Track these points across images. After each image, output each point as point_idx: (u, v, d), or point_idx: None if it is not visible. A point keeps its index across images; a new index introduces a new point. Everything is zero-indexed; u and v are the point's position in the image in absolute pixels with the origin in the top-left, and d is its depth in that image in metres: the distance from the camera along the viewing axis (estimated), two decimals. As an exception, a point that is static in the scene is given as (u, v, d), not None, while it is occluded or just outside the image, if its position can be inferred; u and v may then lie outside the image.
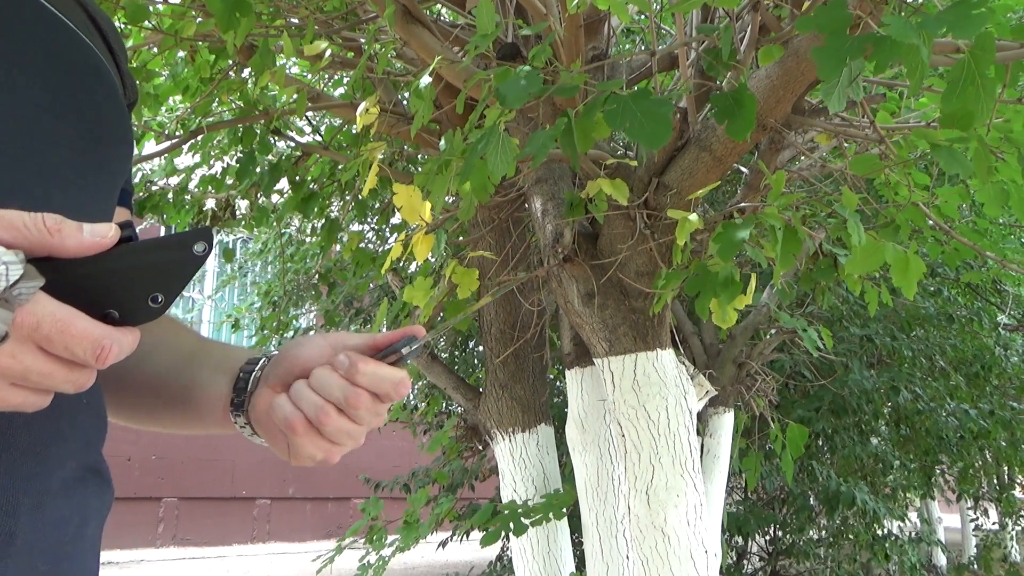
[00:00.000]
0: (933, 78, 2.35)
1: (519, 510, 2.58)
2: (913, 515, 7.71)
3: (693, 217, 1.88)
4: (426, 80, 1.73)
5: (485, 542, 2.62)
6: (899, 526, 6.78)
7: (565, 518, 2.80)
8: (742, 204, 2.18)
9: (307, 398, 0.65)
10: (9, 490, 0.56)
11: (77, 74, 0.66)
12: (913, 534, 6.70)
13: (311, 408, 0.65)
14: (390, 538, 3.31)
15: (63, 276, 0.49)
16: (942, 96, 1.18)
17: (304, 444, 0.66)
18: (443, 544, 5.70)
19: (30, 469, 0.57)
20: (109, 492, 0.68)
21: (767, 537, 5.62)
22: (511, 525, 2.60)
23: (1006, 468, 7.04)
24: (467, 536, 5.22)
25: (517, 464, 2.93)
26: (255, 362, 0.72)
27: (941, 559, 8.19)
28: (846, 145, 2.47)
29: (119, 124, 0.71)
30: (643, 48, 4.13)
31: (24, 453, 0.57)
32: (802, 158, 2.80)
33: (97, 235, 0.49)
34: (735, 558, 5.31)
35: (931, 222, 2.31)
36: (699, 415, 2.57)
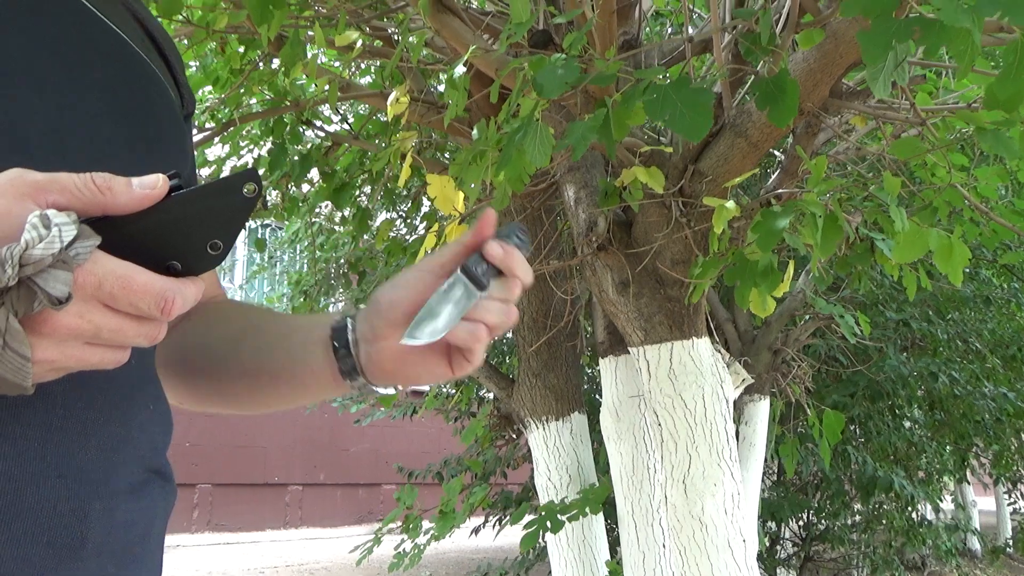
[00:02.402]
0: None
1: (556, 508, 2.59)
2: (948, 500, 7.63)
3: (730, 205, 1.85)
4: (460, 69, 1.72)
5: (524, 545, 2.63)
6: (932, 511, 6.72)
7: (600, 506, 2.80)
8: (779, 190, 2.15)
9: (492, 308, 0.66)
10: (80, 495, 0.56)
11: (130, 81, 0.67)
12: (949, 520, 6.64)
13: (497, 315, 0.66)
14: (425, 525, 3.33)
15: (120, 234, 0.49)
16: (997, 80, 1.14)
17: (479, 349, 0.67)
18: (476, 531, 5.72)
19: (101, 474, 0.58)
20: (172, 493, 0.68)
21: (800, 523, 5.59)
22: (548, 524, 2.61)
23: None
24: (499, 523, 5.24)
25: (551, 452, 2.93)
26: (342, 325, 0.72)
27: (976, 543, 8.11)
28: (882, 128, 2.43)
29: (174, 131, 0.71)
30: (671, 32, 4.08)
31: (95, 458, 0.58)
32: (836, 141, 2.75)
33: (146, 187, 0.49)
34: (768, 544, 5.29)
35: (969, 203, 2.27)
36: (735, 403, 2.55)
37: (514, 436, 4.34)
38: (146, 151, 0.66)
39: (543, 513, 2.59)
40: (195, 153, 0.87)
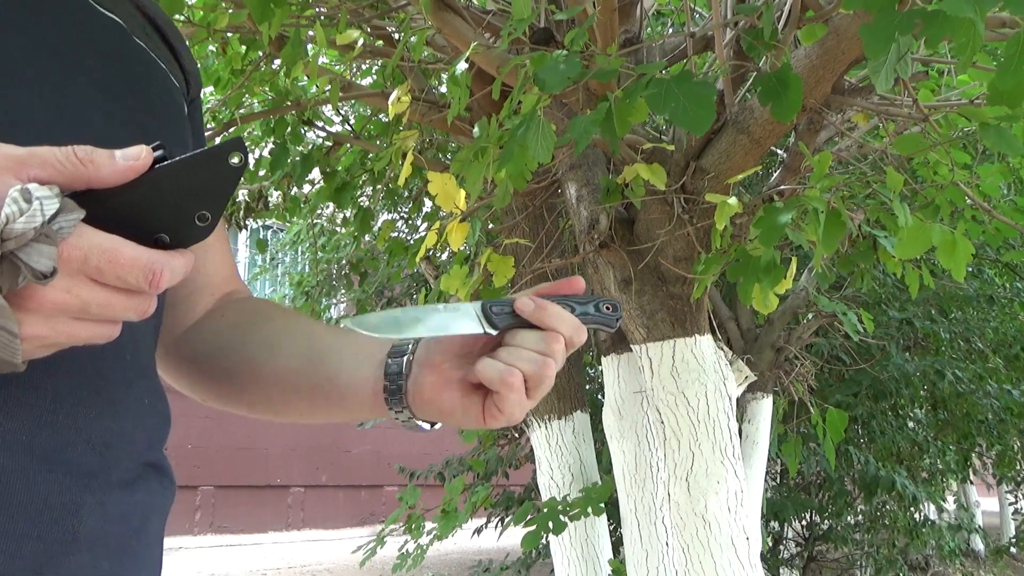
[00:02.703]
0: (978, 54, 2.29)
1: (558, 507, 2.58)
2: (950, 500, 7.62)
3: (732, 201, 1.85)
4: (462, 66, 1.72)
5: (526, 545, 2.62)
6: (936, 511, 6.70)
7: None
8: (781, 187, 2.14)
9: (524, 356, 0.65)
10: (72, 489, 0.55)
11: (130, 75, 0.67)
12: (952, 520, 6.63)
13: (531, 364, 0.64)
14: (427, 526, 3.32)
15: (105, 207, 0.48)
16: (997, 73, 1.14)
17: (512, 399, 0.65)
18: (478, 531, 5.72)
19: (92, 468, 0.57)
20: (171, 488, 0.67)
21: (804, 523, 5.58)
22: (550, 525, 2.60)
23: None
24: (502, 523, 5.24)
25: (553, 451, 2.92)
26: (403, 346, 0.72)
27: (979, 544, 8.09)
28: (884, 125, 2.42)
29: (174, 125, 0.71)
30: (672, 31, 4.07)
31: (86, 452, 0.57)
32: (838, 138, 2.75)
33: (129, 158, 0.49)
34: (771, 544, 5.28)
35: (971, 201, 2.26)
36: (737, 401, 2.55)
37: (516, 435, 4.34)
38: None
39: (545, 512, 2.59)
40: (204, 135, 0.86)
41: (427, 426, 0.72)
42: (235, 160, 0.51)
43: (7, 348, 0.46)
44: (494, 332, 0.66)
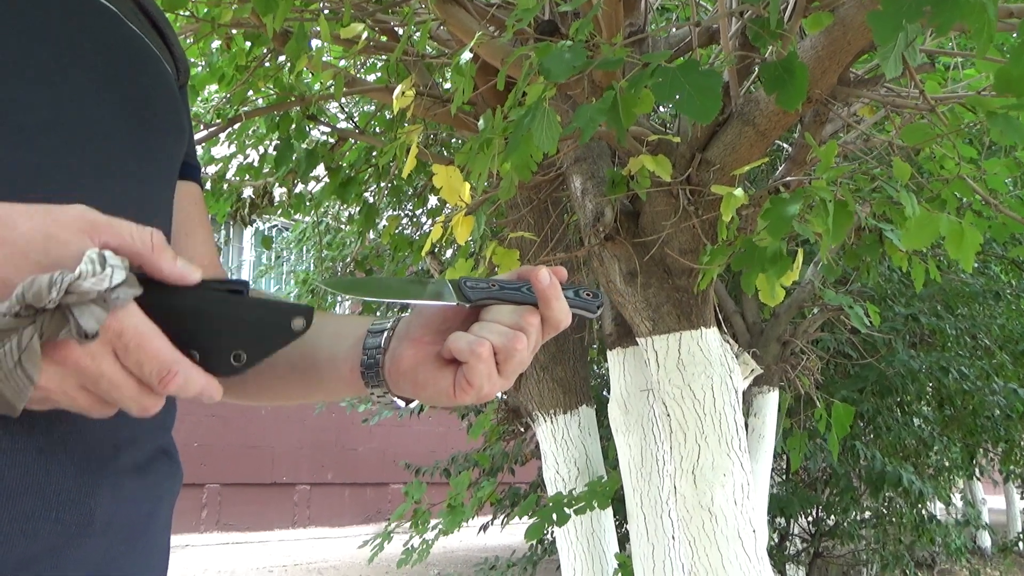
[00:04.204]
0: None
1: (563, 500, 2.58)
2: (957, 497, 7.60)
3: (738, 192, 1.84)
4: (466, 56, 1.72)
5: (529, 536, 2.62)
6: (943, 508, 6.69)
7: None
8: (787, 179, 2.13)
9: (496, 329, 0.65)
10: (88, 471, 0.56)
11: (124, 62, 0.67)
12: (959, 517, 6.61)
13: (501, 336, 0.64)
14: (432, 522, 3.32)
15: (159, 301, 0.50)
16: (1010, 59, 1.13)
17: (480, 371, 0.65)
18: (484, 528, 5.72)
19: (107, 451, 0.58)
20: (179, 474, 0.68)
21: (810, 519, 5.57)
22: (554, 516, 2.59)
23: (1054, 448, 6.90)
24: (507, 520, 5.24)
25: (559, 445, 2.92)
26: (383, 322, 0.72)
27: (986, 541, 8.07)
28: (891, 117, 2.41)
29: (170, 110, 0.71)
30: (676, 24, 4.06)
31: (100, 436, 0.58)
32: (844, 132, 2.74)
33: (186, 272, 0.51)
34: (777, 539, 5.27)
35: (978, 195, 2.25)
36: (744, 394, 2.54)
37: (522, 430, 4.34)
38: (142, 134, 0.66)
39: (550, 505, 2.58)
40: (192, 125, 0.86)
41: (402, 403, 0.72)
42: (297, 325, 0.53)
43: (19, 393, 0.46)
44: (466, 305, 0.65)
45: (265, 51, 3.17)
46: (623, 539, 3.69)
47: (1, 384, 0.46)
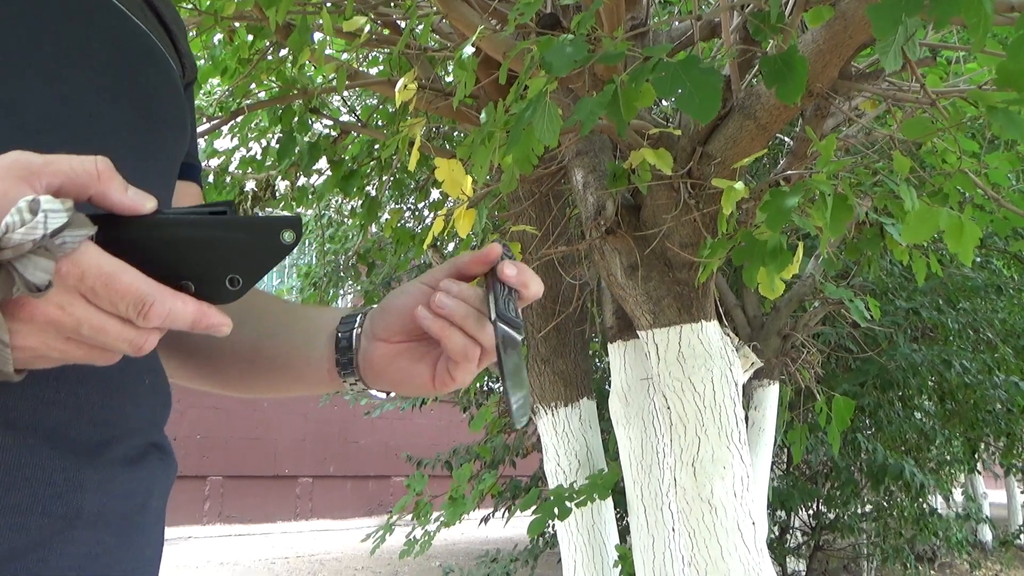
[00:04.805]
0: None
1: (564, 494, 2.59)
2: (957, 491, 7.61)
3: (739, 186, 1.85)
4: (469, 50, 1.72)
5: (532, 531, 2.63)
6: (943, 502, 6.70)
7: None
8: (787, 172, 2.14)
9: (471, 322, 0.64)
10: (75, 466, 0.56)
11: (130, 58, 0.67)
12: (959, 510, 6.62)
13: (488, 339, 0.63)
14: (434, 514, 3.34)
15: (143, 234, 0.48)
16: (1008, 53, 1.14)
17: (470, 370, 0.65)
18: (485, 520, 5.74)
19: (95, 446, 0.58)
20: (172, 466, 0.68)
21: (810, 512, 5.58)
22: (555, 511, 2.60)
23: (1055, 442, 6.90)
24: (509, 512, 5.26)
25: (560, 438, 2.93)
26: (351, 320, 0.72)
27: (987, 534, 8.08)
28: (892, 111, 2.42)
29: (174, 106, 0.71)
30: (678, 17, 4.06)
31: (88, 431, 0.58)
32: (845, 125, 2.74)
33: (137, 200, 0.48)
34: (778, 532, 5.28)
35: (980, 190, 2.25)
36: (744, 388, 2.55)
37: (523, 423, 4.35)
38: (146, 129, 0.66)
39: (551, 499, 2.60)
40: (195, 122, 0.85)
41: (382, 395, 0.72)
42: (288, 238, 0.50)
43: None
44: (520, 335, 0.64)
45: (268, 44, 3.17)
46: (623, 531, 3.71)
47: None
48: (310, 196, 3.97)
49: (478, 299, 0.65)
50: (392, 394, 0.73)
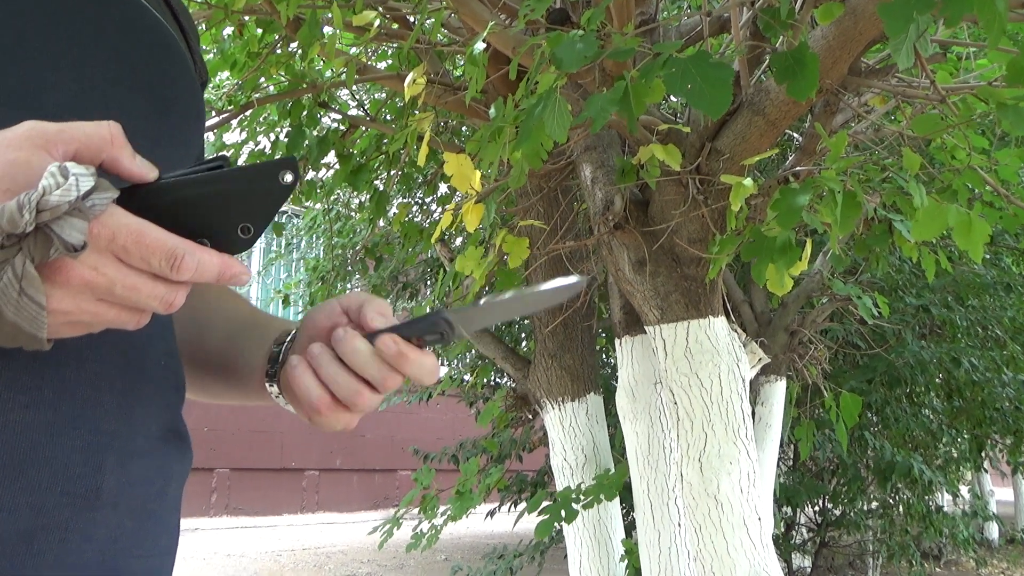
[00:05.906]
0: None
1: (571, 496, 2.59)
2: (964, 489, 7.59)
3: (748, 182, 1.85)
4: (479, 46, 1.72)
5: (539, 533, 2.64)
6: (950, 500, 6.69)
7: (615, 486, 2.80)
8: (796, 168, 2.14)
9: (342, 381, 0.63)
10: (95, 447, 0.57)
11: (148, 48, 0.67)
12: (966, 508, 6.60)
13: (346, 391, 0.63)
14: (441, 508, 3.35)
15: (151, 202, 0.50)
16: (1019, 49, 1.14)
17: (329, 420, 0.65)
18: (491, 514, 5.76)
19: (116, 428, 0.58)
20: (189, 454, 0.69)
21: (816, 508, 5.58)
22: (562, 513, 2.61)
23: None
24: (515, 507, 5.27)
25: (567, 433, 2.94)
26: (290, 333, 0.72)
27: (994, 532, 8.07)
28: (902, 107, 2.41)
29: (190, 97, 0.72)
30: (688, 12, 4.05)
31: (109, 413, 0.58)
32: (855, 122, 2.73)
33: (143, 167, 0.51)
34: (784, 529, 5.28)
35: (989, 186, 2.25)
36: (751, 383, 2.55)
37: (530, 417, 4.36)
38: (162, 119, 0.67)
39: (558, 500, 2.60)
40: (205, 120, 0.87)
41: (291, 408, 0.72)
42: (287, 178, 0.52)
43: (34, 321, 0.46)
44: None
45: (277, 38, 3.18)
46: (630, 527, 3.71)
47: (15, 316, 0.46)
48: (319, 190, 3.98)
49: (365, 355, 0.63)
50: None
